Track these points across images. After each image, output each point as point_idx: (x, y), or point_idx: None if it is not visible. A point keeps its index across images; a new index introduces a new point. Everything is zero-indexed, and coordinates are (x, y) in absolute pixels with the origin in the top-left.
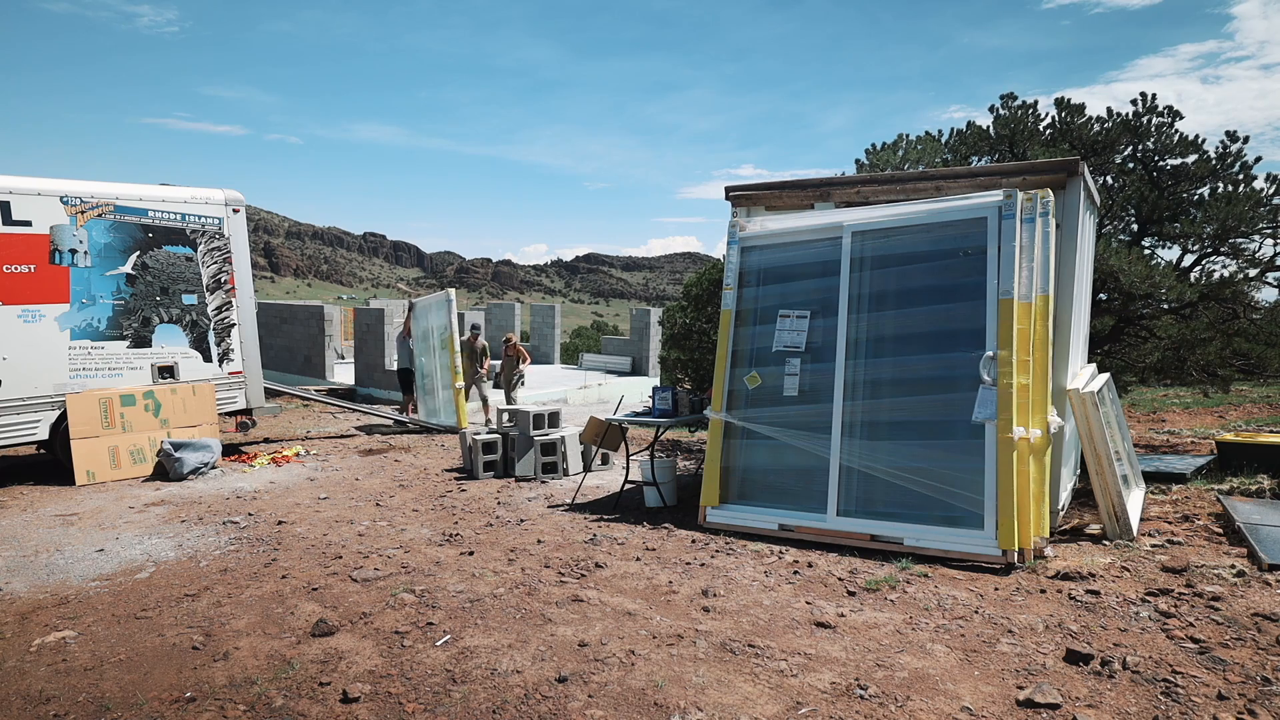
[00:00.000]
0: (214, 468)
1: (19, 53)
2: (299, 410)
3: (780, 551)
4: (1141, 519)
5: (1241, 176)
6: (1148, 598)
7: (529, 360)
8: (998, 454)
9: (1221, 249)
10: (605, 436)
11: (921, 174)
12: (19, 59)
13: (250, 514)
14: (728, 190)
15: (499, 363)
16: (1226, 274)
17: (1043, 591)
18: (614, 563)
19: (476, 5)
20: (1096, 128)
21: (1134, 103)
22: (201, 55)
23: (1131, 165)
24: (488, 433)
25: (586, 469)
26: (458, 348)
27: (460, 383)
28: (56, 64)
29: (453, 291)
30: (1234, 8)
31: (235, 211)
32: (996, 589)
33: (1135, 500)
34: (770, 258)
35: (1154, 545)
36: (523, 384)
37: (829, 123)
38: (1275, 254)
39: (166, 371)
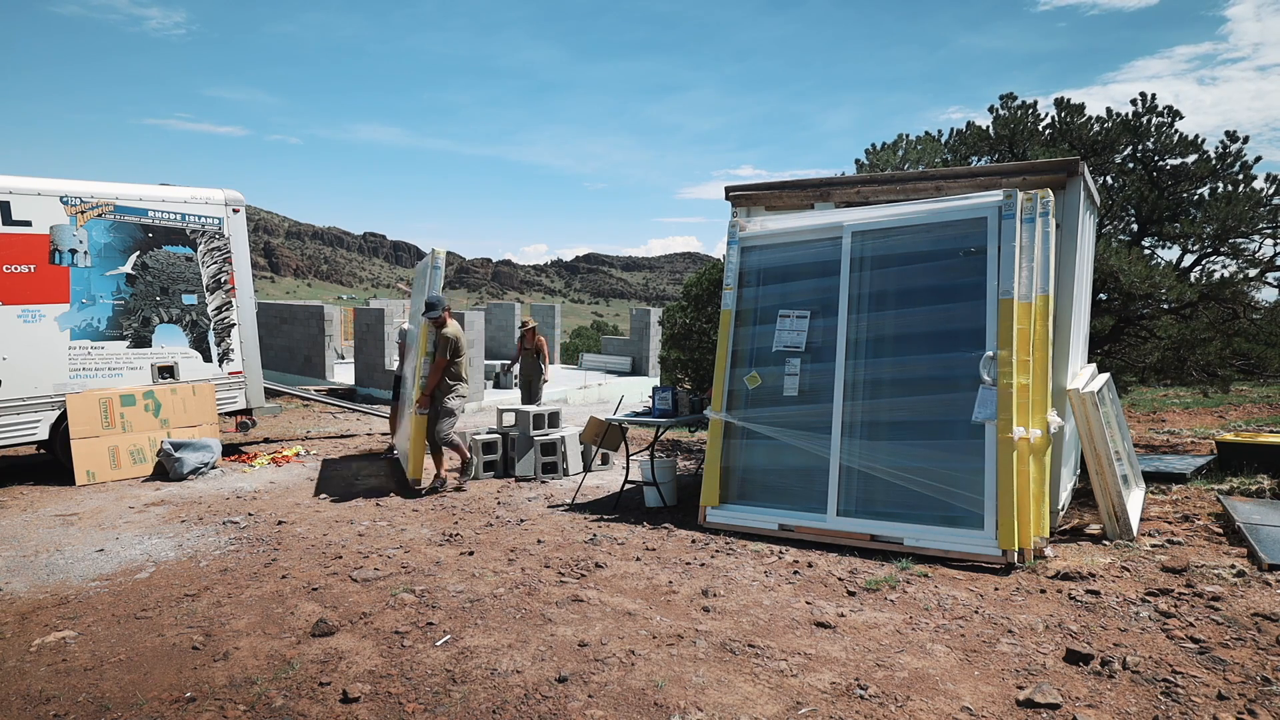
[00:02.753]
0: (214, 468)
1: (22, 54)
2: (299, 410)
3: (780, 551)
4: (1141, 519)
5: (1241, 176)
6: (1148, 598)
7: (549, 359)
8: (998, 454)
9: (1221, 249)
10: (605, 436)
11: (921, 174)
12: (22, 60)
13: (250, 514)
14: (728, 190)
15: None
16: (1226, 274)
17: (1043, 591)
18: (614, 563)
19: (479, 7)
20: (1096, 128)
21: (1134, 103)
22: (205, 56)
23: (1131, 165)
24: (488, 432)
25: (586, 469)
26: (427, 347)
27: (417, 402)
28: (59, 65)
29: (442, 252)
30: (1228, 10)
31: (235, 211)
32: (996, 589)
33: (1135, 500)
34: (770, 258)
35: (1154, 545)
36: (545, 383)
37: (829, 123)
38: (1275, 254)
39: (166, 371)
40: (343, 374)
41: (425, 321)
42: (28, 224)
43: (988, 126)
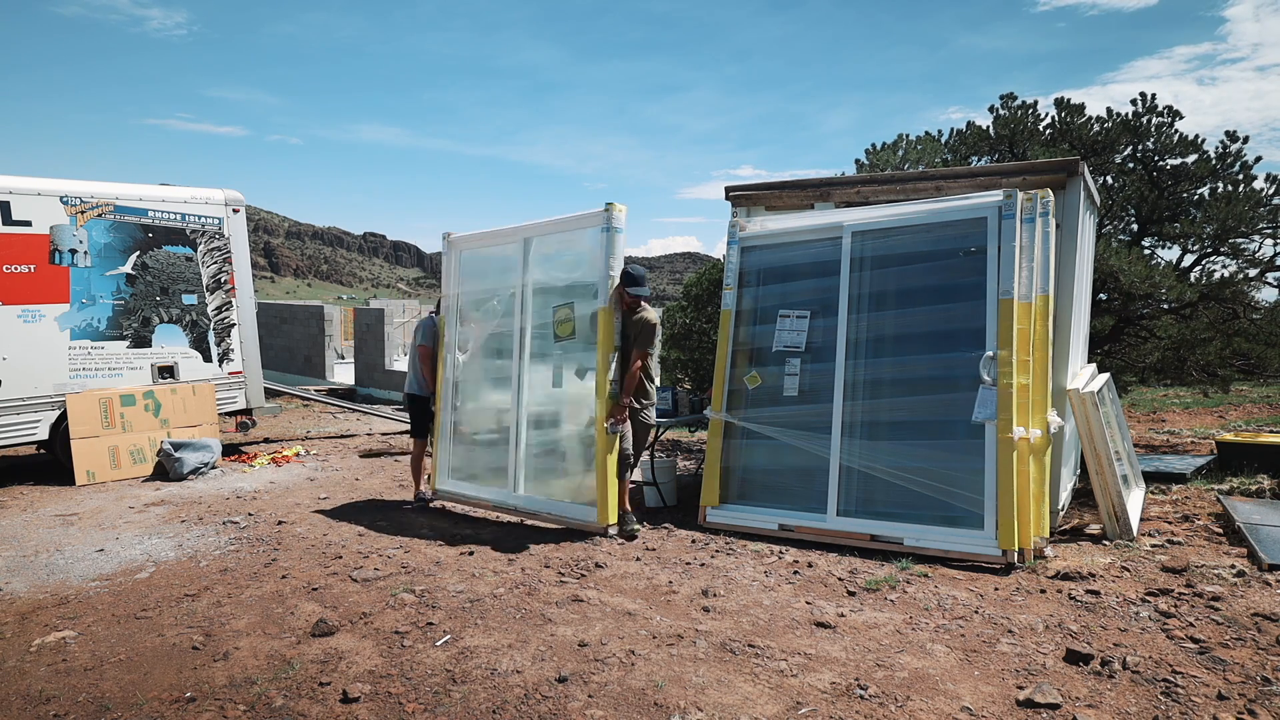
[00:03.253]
0: (214, 468)
1: (23, 54)
2: (299, 410)
3: (780, 551)
4: (1141, 519)
5: (1241, 176)
6: (1148, 598)
7: None
8: (998, 454)
9: (1221, 249)
10: None
11: (921, 174)
12: (23, 60)
13: (250, 514)
14: (728, 190)
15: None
16: (1226, 274)
17: (1043, 591)
18: (614, 562)
19: (479, 8)
20: (1096, 128)
21: (1134, 103)
22: (206, 57)
23: (1131, 165)
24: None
25: None
26: (615, 338)
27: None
28: (60, 65)
29: (622, 210)
30: (1226, 10)
31: (235, 211)
32: (996, 589)
33: (1135, 500)
34: (770, 258)
35: (1154, 545)
36: None
37: (829, 123)
38: (1275, 254)
39: (166, 371)
40: (343, 374)
41: (607, 305)
42: (28, 224)
43: (988, 126)
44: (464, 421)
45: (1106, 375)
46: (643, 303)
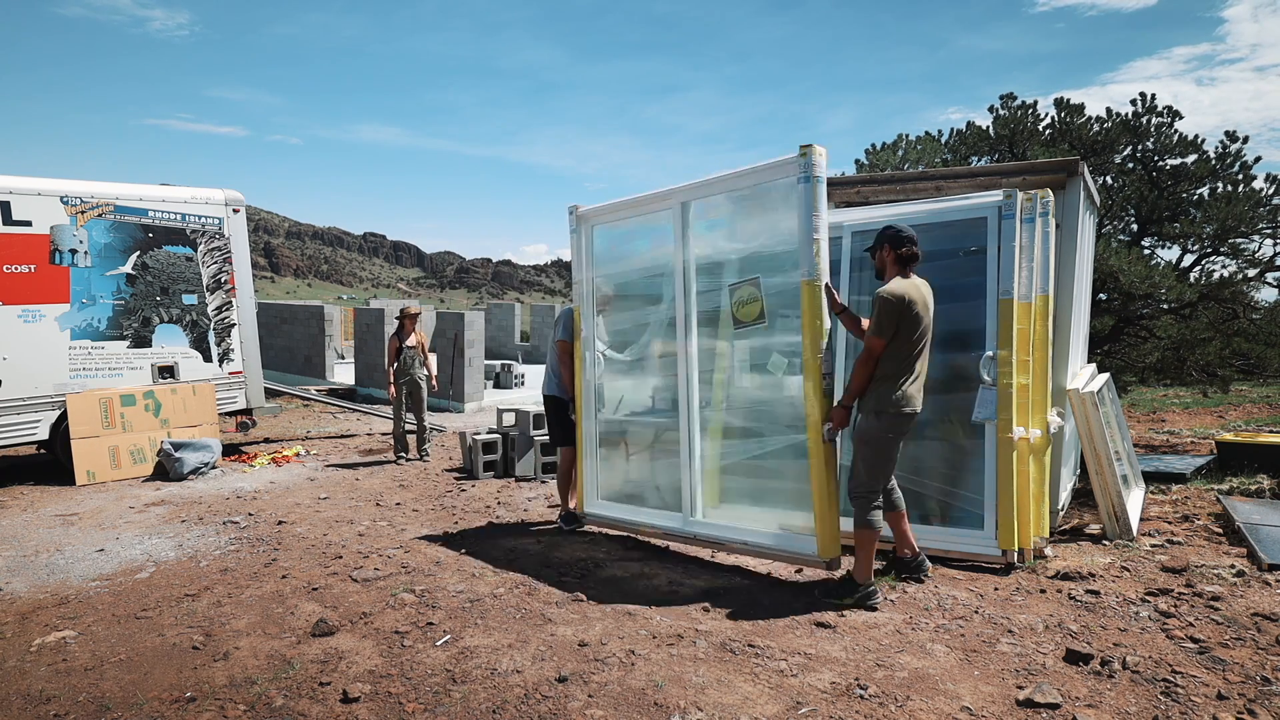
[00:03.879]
0: (214, 468)
1: (24, 54)
2: (299, 410)
3: None
4: (1141, 519)
5: (1241, 176)
6: (1148, 598)
7: (428, 355)
8: (998, 454)
9: (1221, 249)
10: None
11: (921, 174)
12: (25, 60)
13: (250, 514)
14: None
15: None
16: (1226, 274)
17: (1043, 591)
18: (612, 562)
19: (480, 8)
20: (1096, 128)
21: (1133, 103)
22: (207, 57)
23: (1131, 165)
24: (488, 432)
25: None
26: (826, 319)
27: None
28: (62, 65)
29: (822, 151)
30: (1225, 10)
31: (235, 211)
32: (996, 589)
33: (1135, 500)
34: None
35: (1154, 545)
36: (432, 391)
37: (829, 123)
38: (1275, 254)
39: (166, 371)
40: (343, 374)
41: (813, 277)
42: (28, 224)
43: (988, 126)
44: (614, 432)
45: (1106, 375)
46: (895, 274)
